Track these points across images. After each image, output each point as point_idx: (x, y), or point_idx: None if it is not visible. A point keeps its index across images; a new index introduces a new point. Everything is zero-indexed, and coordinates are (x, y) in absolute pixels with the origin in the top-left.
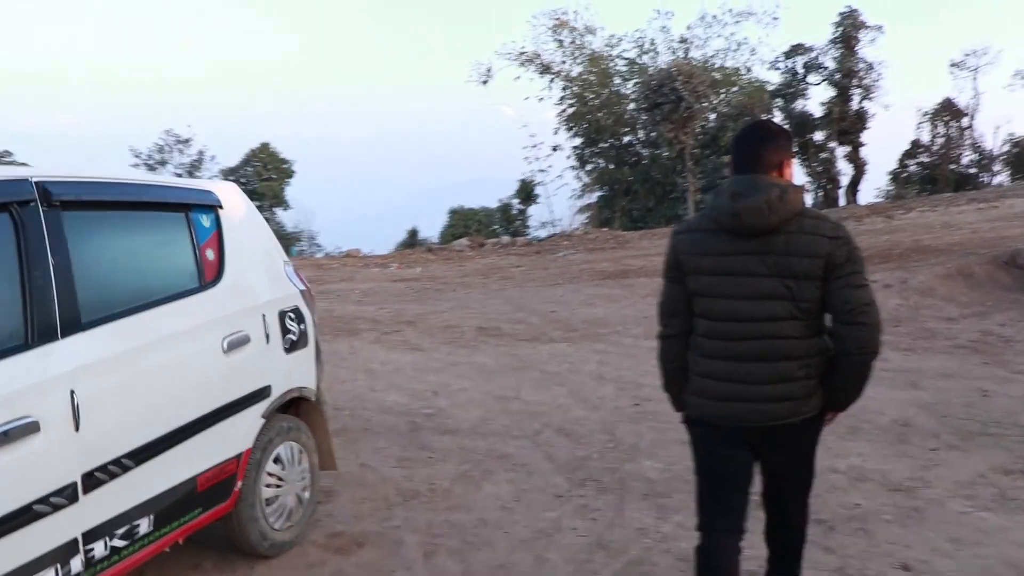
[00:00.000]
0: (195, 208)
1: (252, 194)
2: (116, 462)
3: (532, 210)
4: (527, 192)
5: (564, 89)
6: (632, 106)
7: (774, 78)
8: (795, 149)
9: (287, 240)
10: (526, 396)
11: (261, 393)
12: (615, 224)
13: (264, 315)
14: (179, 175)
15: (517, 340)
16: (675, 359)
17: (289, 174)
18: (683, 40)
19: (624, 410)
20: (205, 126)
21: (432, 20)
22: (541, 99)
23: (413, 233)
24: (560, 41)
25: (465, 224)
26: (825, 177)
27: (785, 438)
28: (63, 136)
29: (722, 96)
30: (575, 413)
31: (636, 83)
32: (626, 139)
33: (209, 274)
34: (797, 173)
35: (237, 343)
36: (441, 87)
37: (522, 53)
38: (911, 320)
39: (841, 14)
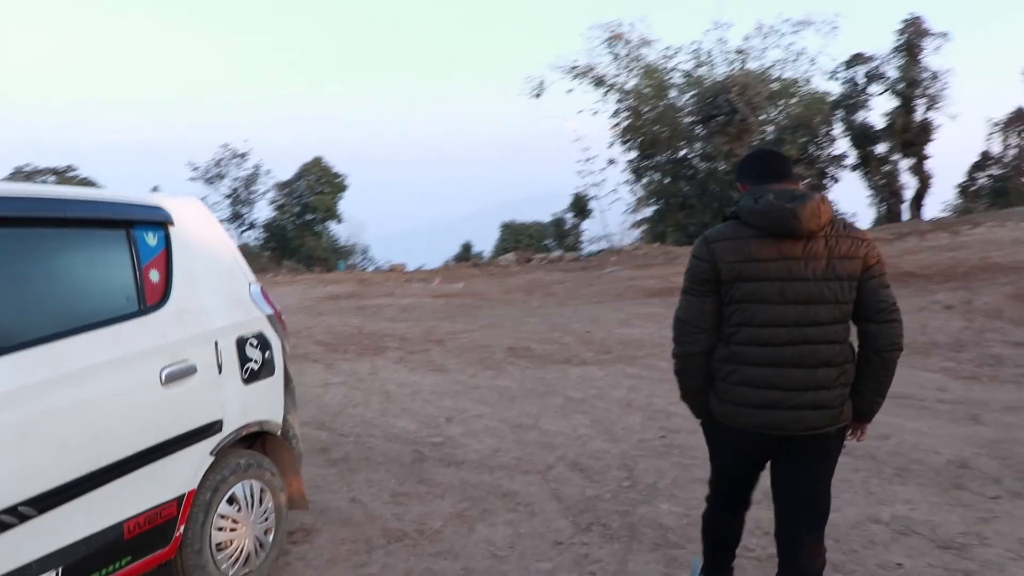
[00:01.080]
0: (139, 225)
1: (304, 208)
2: (11, 510)
3: (586, 224)
4: (580, 206)
5: (619, 102)
6: (688, 119)
7: (834, 88)
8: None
9: (339, 254)
10: (545, 425)
11: (210, 428)
12: (668, 239)
13: (217, 342)
14: (235, 189)
15: (547, 362)
16: (700, 375)
17: (342, 188)
18: (740, 51)
19: (648, 443)
20: (262, 139)
21: (484, 33)
22: (595, 112)
23: (467, 248)
24: (615, 54)
25: (516, 239)
26: (887, 191)
27: (816, 448)
28: (138, 152)
29: (780, 108)
30: (594, 445)
31: (692, 95)
32: (682, 152)
33: (151, 297)
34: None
35: (179, 374)
36: (499, 102)
37: (575, 66)
38: (975, 345)
39: (904, 21)
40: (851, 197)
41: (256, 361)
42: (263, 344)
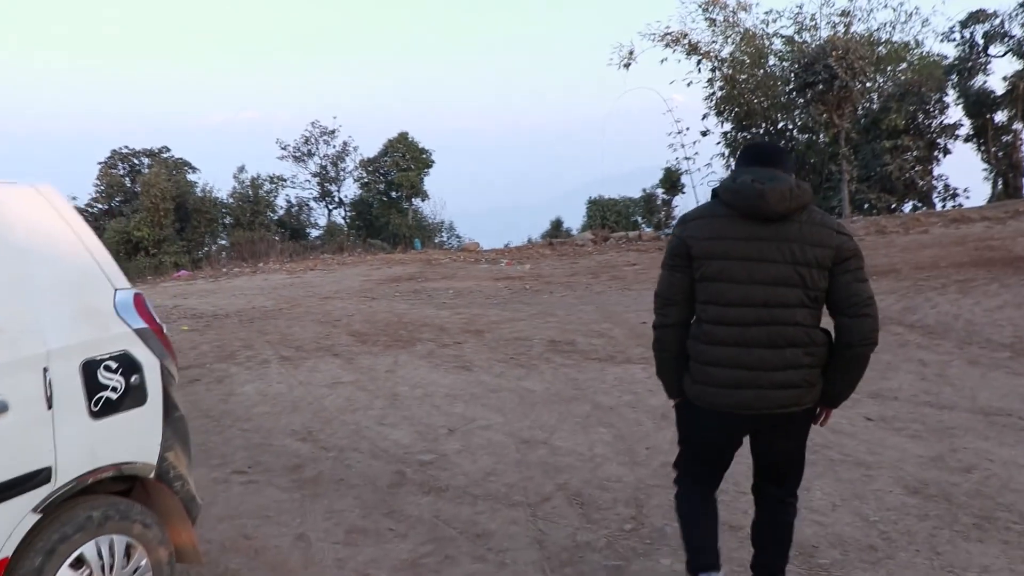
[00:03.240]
0: None
1: (390, 185)
2: None
3: (677, 200)
4: (671, 181)
5: (713, 71)
6: (786, 88)
7: (949, 51)
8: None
9: (425, 232)
10: (558, 440)
11: (31, 479)
12: None
13: (47, 368)
14: (323, 166)
15: (587, 358)
16: (672, 348)
17: (427, 164)
18: (844, 13)
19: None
20: (349, 117)
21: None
22: (688, 82)
23: (557, 226)
24: (711, 19)
25: (604, 216)
26: (1006, 163)
27: (784, 427)
28: (236, 130)
29: (887, 74)
30: (607, 470)
31: (790, 63)
32: (780, 124)
33: None
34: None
35: None
36: (594, 79)
37: (667, 33)
38: None
39: None
40: (964, 170)
41: (115, 388)
42: (127, 367)
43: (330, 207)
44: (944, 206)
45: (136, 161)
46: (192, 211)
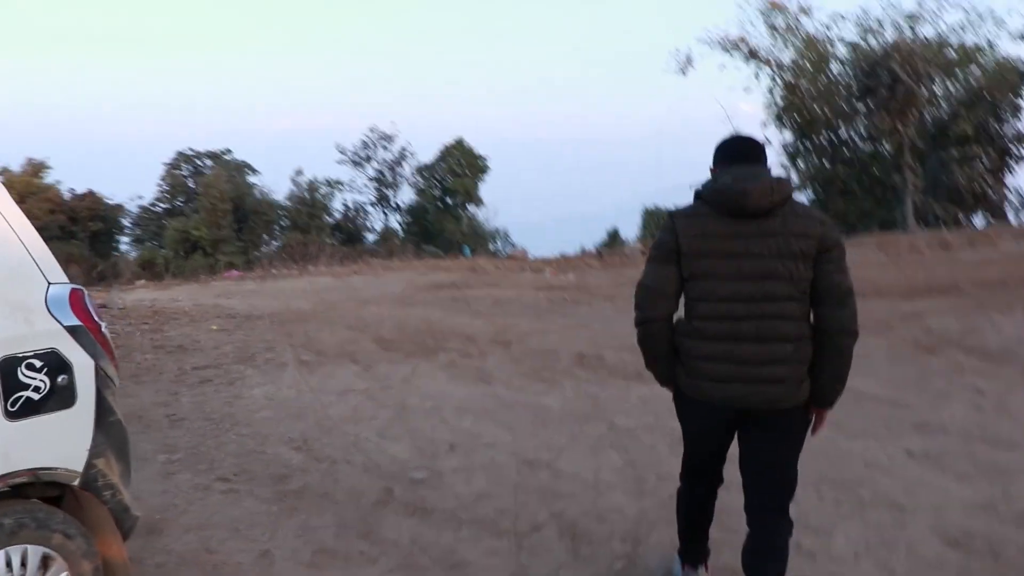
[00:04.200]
0: None
1: (445, 191)
2: None
3: None
4: None
5: (773, 78)
6: (848, 94)
7: None
8: None
9: (479, 239)
10: (563, 463)
11: None
12: None
13: None
14: (381, 171)
15: (613, 375)
16: (661, 342)
17: (483, 170)
18: (911, 16)
19: None
20: (408, 123)
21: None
22: (747, 89)
23: (613, 235)
24: (771, 24)
25: (658, 226)
26: None
27: (774, 424)
28: (301, 136)
29: (958, 78)
30: (610, 499)
31: (852, 68)
32: (844, 133)
33: None
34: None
35: None
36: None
37: (726, 38)
38: None
39: None
40: None
41: (37, 389)
42: (55, 366)
43: (387, 212)
44: (1018, 219)
45: (199, 163)
46: (250, 212)
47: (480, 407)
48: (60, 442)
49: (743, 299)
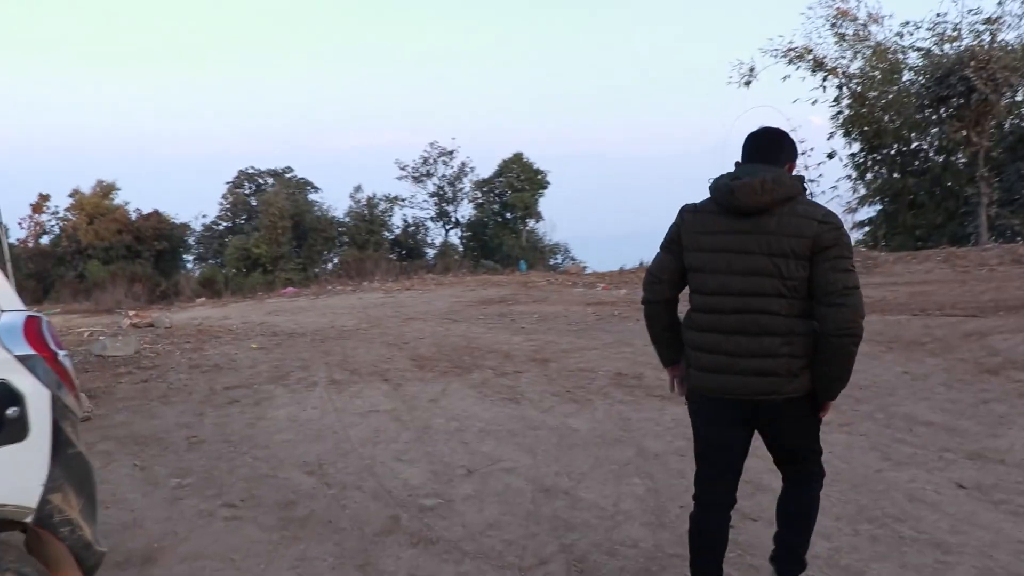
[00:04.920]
0: None
1: (504, 206)
2: None
3: None
4: None
5: (840, 88)
6: (919, 104)
7: None
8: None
9: (540, 253)
10: (583, 491)
11: None
12: (892, 242)
13: None
14: (441, 187)
15: (650, 395)
16: (659, 322)
17: (542, 185)
18: (990, 20)
19: None
20: (468, 136)
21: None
22: (813, 101)
23: None
24: (840, 34)
25: None
26: None
27: (770, 415)
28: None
29: None
30: (626, 531)
31: (924, 77)
32: (914, 144)
33: None
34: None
35: None
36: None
37: (791, 49)
38: None
39: None
40: None
41: None
42: (4, 398)
43: (447, 227)
44: None
45: (261, 181)
46: (309, 229)
47: (505, 429)
48: (11, 477)
49: (732, 293)
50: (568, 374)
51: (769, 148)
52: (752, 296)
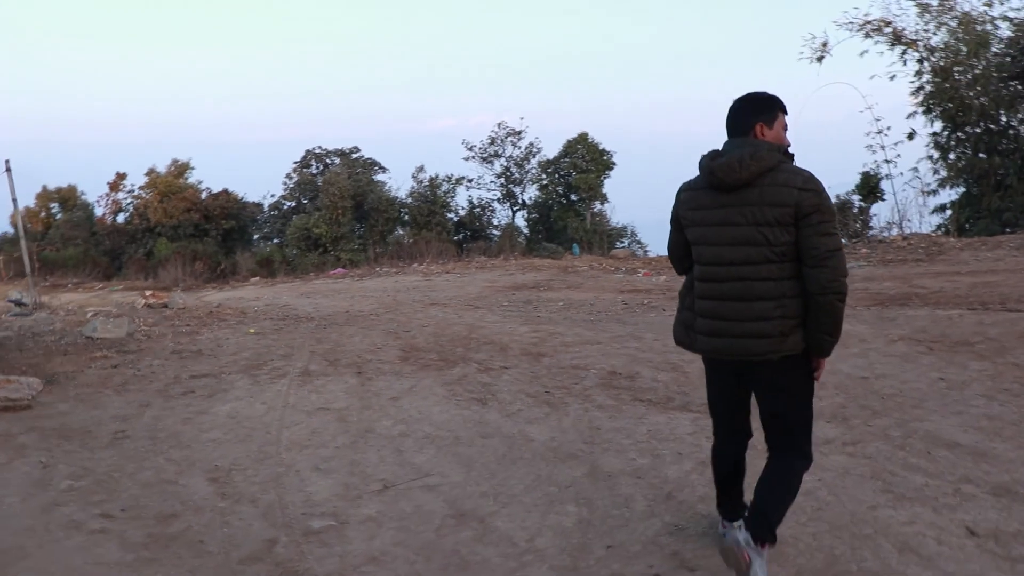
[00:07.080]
0: None
1: (568, 187)
2: None
3: (876, 208)
4: (869, 187)
5: (920, 62)
6: (1005, 76)
7: None
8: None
9: (604, 236)
10: (501, 519)
11: None
12: (976, 227)
13: None
14: (507, 168)
15: (637, 399)
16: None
17: (608, 166)
18: None
19: None
20: (536, 115)
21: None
22: (892, 76)
23: None
24: (924, 5)
25: None
26: None
27: (766, 375)
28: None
29: None
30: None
31: (1011, 47)
32: (1003, 121)
33: None
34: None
35: None
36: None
37: (868, 22)
38: None
39: None
40: None
41: None
42: None
43: (514, 209)
44: None
45: (328, 161)
46: (370, 210)
47: (452, 436)
48: None
49: (725, 263)
50: (557, 371)
51: (737, 119)
52: (743, 265)
